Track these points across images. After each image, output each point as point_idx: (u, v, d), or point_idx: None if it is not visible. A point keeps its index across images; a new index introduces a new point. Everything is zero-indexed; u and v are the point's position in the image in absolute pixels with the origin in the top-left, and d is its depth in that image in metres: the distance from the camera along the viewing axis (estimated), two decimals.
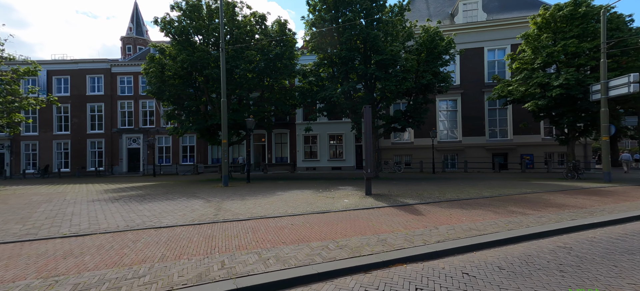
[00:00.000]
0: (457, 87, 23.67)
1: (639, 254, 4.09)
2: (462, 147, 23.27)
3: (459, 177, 17.63)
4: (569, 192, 9.94)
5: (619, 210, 6.89)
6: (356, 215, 6.53)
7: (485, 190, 10.68)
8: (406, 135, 24.91)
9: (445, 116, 24.38)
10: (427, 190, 10.87)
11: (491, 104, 23.08)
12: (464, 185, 12.33)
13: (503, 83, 18.04)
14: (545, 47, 15.37)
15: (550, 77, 14.93)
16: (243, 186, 13.01)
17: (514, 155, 22.38)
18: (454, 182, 14.16)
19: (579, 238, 4.94)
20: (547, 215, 6.32)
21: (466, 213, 6.70)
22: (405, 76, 15.88)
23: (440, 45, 16.39)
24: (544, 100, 15.03)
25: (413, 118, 17.47)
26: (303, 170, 25.25)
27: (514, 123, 22.35)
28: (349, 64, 16.48)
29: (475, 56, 23.48)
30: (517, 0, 24.95)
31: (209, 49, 17.61)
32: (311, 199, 8.78)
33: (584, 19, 14.75)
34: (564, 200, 8.28)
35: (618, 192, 10.00)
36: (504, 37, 22.82)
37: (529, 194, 9.52)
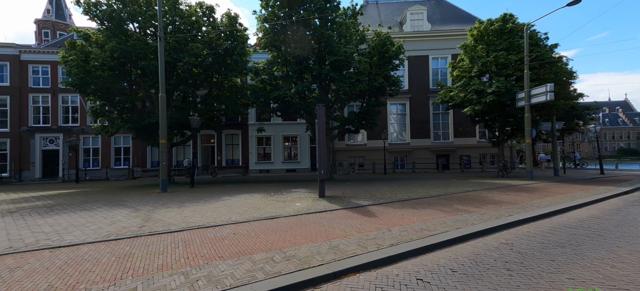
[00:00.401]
0: (406, 91, 24.95)
1: (568, 246, 4.36)
2: (411, 148, 24.56)
3: (408, 177, 18.44)
4: (502, 189, 10.87)
5: (545, 205, 7.60)
6: (308, 220, 6.09)
7: (432, 189, 11.15)
8: (360, 137, 25.42)
9: (395, 119, 25.50)
10: (380, 190, 10.97)
11: (435, 109, 24.79)
12: (413, 185, 12.79)
13: (445, 89, 19.42)
14: (480, 57, 16.91)
15: (484, 84, 16.44)
16: (185, 191, 11.69)
17: (455, 156, 24.34)
18: (404, 182, 14.66)
19: (517, 233, 5.19)
20: (488, 212, 6.65)
21: (417, 213, 6.73)
22: (358, 78, 16.08)
23: (390, 50, 16.97)
24: (480, 106, 16.49)
25: (366, 121, 17.78)
26: (256, 172, 24.13)
27: (455, 126, 24.32)
28: (304, 63, 16.12)
29: (421, 63, 25.03)
30: (456, 14, 27.37)
31: (147, 39, 15.68)
32: (260, 204, 8.11)
33: (511, 34, 16.58)
34: (500, 197, 8.95)
35: (540, 188, 11.26)
36: (446, 47, 24.75)
37: (470, 192, 10.15)
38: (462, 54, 18.46)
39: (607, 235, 4.92)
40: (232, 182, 17.14)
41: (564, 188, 11.14)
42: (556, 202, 7.84)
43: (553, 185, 12.02)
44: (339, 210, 7.13)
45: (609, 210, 7.09)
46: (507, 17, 16.84)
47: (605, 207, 7.59)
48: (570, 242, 4.57)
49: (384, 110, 24.35)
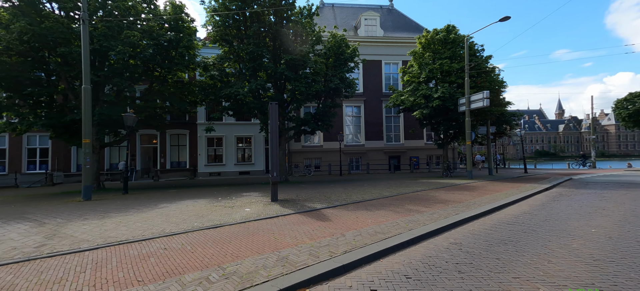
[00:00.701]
0: (361, 94, 25.58)
1: (509, 243, 4.55)
2: (365, 150, 25.20)
3: (362, 178, 18.79)
4: (447, 188, 11.53)
5: (485, 202, 8.13)
6: (257, 227, 5.55)
7: (385, 190, 11.35)
8: (316, 138, 25.33)
9: (350, 121, 25.95)
10: (335, 192, 10.81)
11: (388, 112, 25.84)
12: (367, 186, 12.94)
13: (397, 93, 20.27)
14: (427, 64, 17.99)
15: (431, 90, 17.51)
16: (115, 199, 10.13)
17: (405, 157, 25.64)
18: (358, 183, 14.81)
19: (464, 232, 5.33)
20: (437, 212, 6.83)
21: (371, 214, 6.62)
22: (315, 79, 15.87)
23: (346, 52, 17.12)
24: (428, 110, 17.52)
25: (322, 122, 17.66)
26: (205, 175, 22.44)
27: (405, 129, 25.63)
28: (258, 60, 15.36)
29: (374, 68, 25.91)
30: (406, 23, 28.99)
31: (71, 23, 13.42)
32: (204, 210, 7.28)
33: (454, 44, 17.97)
34: (446, 196, 9.41)
35: (479, 186, 12.22)
36: (397, 53, 26.00)
37: (420, 192, 10.54)
38: (411, 60, 19.46)
39: (539, 230, 5.30)
40: (177, 186, 15.57)
41: (498, 186, 12.25)
42: (494, 200, 8.46)
43: (489, 184, 13.17)
44: (292, 215, 6.70)
45: (536, 206, 7.83)
46: (450, 28, 18.21)
47: (533, 203, 8.40)
48: (511, 238, 4.79)
49: (339, 112, 24.59)
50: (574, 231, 5.12)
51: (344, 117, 25.34)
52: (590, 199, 8.64)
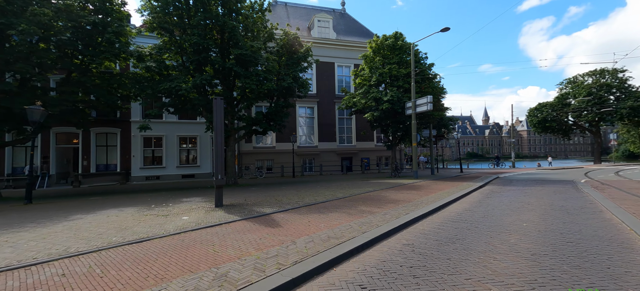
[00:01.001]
0: (314, 95, 25.50)
1: (457, 241, 4.64)
2: (318, 151, 25.16)
3: (316, 179, 18.60)
4: (397, 188, 11.91)
5: (430, 201, 8.48)
6: (194, 239, 4.81)
7: (338, 191, 11.25)
8: (269, 139, 24.47)
9: (304, 122, 25.69)
10: (287, 195, 10.33)
11: (340, 113, 26.22)
12: (320, 188, 12.72)
13: (349, 95, 20.63)
14: (378, 68, 18.65)
15: (381, 93, 18.17)
16: (11, 211, 8.14)
17: (357, 159, 26.29)
18: (311, 185, 14.54)
19: (415, 232, 5.34)
20: (389, 212, 6.84)
21: (324, 218, 6.33)
22: (267, 76, 15.18)
23: (299, 51, 16.78)
24: (378, 112, 18.13)
25: (274, 122, 17.01)
26: (141, 179, 19.97)
27: (357, 131, 26.30)
28: (203, 53, 14.10)
29: (328, 69, 26.09)
30: (357, 28, 29.89)
31: None
32: (129, 221, 6.18)
33: (401, 50, 18.94)
34: (396, 196, 9.64)
35: (424, 186, 12.90)
36: (349, 57, 26.58)
37: (372, 192, 10.66)
38: (363, 63, 19.98)
39: (480, 227, 5.57)
40: (102, 193, 13.40)
41: (441, 185, 13.10)
42: (438, 198, 8.89)
43: (433, 183, 14.03)
44: (238, 222, 6.05)
45: (474, 203, 8.42)
46: (397, 35, 19.15)
47: (471, 200, 9.05)
48: (457, 237, 4.91)
49: (293, 113, 24.12)
50: (509, 226, 5.49)
51: (297, 117, 24.96)
52: (516, 195, 9.63)
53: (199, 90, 14.74)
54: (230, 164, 15.85)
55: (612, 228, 5.18)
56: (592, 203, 7.73)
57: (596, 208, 7.03)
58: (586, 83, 36.18)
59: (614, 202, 7.73)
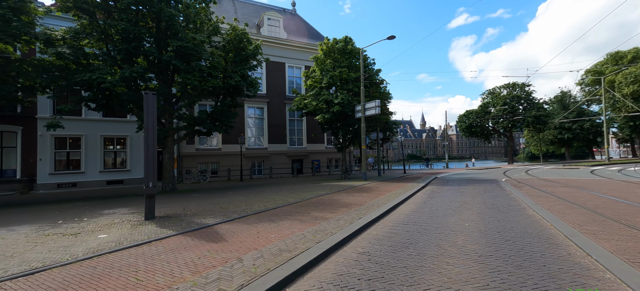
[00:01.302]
0: (264, 96, 24.61)
1: (410, 246, 4.64)
2: (268, 153, 24.32)
3: (265, 183, 17.83)
4: (348, 191, 11.98)
5: (381, 203, 8.63)
6: (112, 264, 3.91)
7: (289, 195, 10.82)
8: (214, 140, 22.80)
9: (253, 123, 24.58)
10: (234, 201, 9.53)
11: (291, 115, 25.79)
12: (270, 192, 12.12)
13: (300, 97, 20.36)
14: (328, 70, 18.76)
15: (332, 96, 18.31)
16: None
17: (308, 161, 26.14)
18: (261, 189, 13.81)
19: (370, 238, 5.23)
20: (342, 217, 6.68)
21: (275, 227, 5.85)
22: (211, 73, 14.01)
23: (248, 48, 15.91)
24: (329, 115, 18.21)
25: (221, 122, 15.80)
26: (51, 187, 16.68)
27: (308, 133, 26.17)
28: (134, 43, 12.33)
29: (278, 70, 25.46)
30: (308, 30, 29.88)
31: None
32: (21, 246, 4.85)
33: (351, 54, 19.39)
34: (348, 199, 9.62)
35: (373, 187, 13.26)
36: (300, 58, 26.35)
37: (324, 196, 10.49)
38: (314, 65, 19.92)
39: (429, 229, 5.74)
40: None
41: (388, 186, 13.63)
42: (388, 200, 9.12)
43: (381, 184, 14.54)
44: (173, 238, 5.21)
45: (420, 204, 8.82)
46: (348, 40, 19.56)
47: (417, 201, 9.49)
48: (410, 241, 4.93)
49: (241, 113, 22.92)
50: (454, 227, 5.76)
51: (245, 118, 23.79)
52: (454, 195, 10.44)
53: (128, 84, 12.88)
54: (167, 168, 14.18)
55: (536, 224, 5.80)
56: (515, 201, 8.72)
57: (519, 206, 7.93)
58: (502, 94, 42.13)
59: (532, 199, 8.85)
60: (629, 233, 4.83)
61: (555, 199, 8.61)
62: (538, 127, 40.14)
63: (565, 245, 4.44)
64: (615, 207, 7.22)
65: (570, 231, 5.04)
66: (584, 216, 6.20)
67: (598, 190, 10.32)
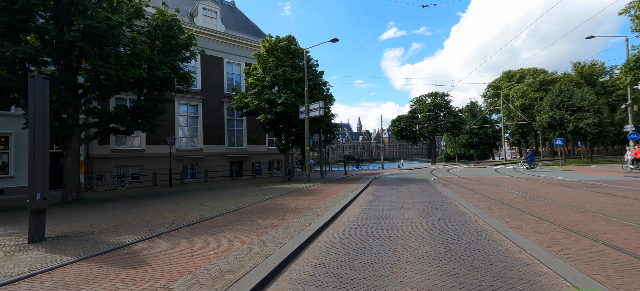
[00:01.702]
0: (199, 92, 22.42)
1: (366, 253, 4.43)
2: (203, 155, 22.20)
3: (200, 188, 16.07)
4: (293, 194, 11.50)
5: (328, 206, 8.41)
6: None
7: (229, 201, 9.80)
8: (137, 140, 19.76)
9: (186, 122, 22.14)
10: (161, 211, 8.13)
11: (230, 114, 24.09)
12: (207, 198, 10.84)
13: (240, 95, 19.08)
14: (271, 69, 18.02)
15: (275, 95, 17.62)
16: None
17: (248, 163, 24.75)
18: (195, 195, 12.30)
19: (322, 247, 4.87)
20: (291, 224, 6.19)
21: (214, 241, 5.03)
22: (132, 61, 11.96)
23: (179, 37, 14.14)
24: (272, 115, 17.45)
25: (144, 119, 13.64)
26: None
27: (248, 133, 24.79)
28: (20, 15, 9.65)
29: (215, 65, 23.52)
30: (248, 25, 28.47)
31: None
32: None
33: (294, 54, 19.01)
34: (294, 203, 9.15)
35: (318, 189, 13.07)
36: (240, 54, 24.84)
37: (268, 201, 9.80)
38: (256, 62, 18.90)
39: (380, 232, 5.68)
40: None
41: (333, 188, 13.63)
42: (334, 203, 8.96)
43: (325, 186, 14.48)
44: (70, 266, 3.97)
45: (366, 205, 8.90)
46: (291, 39, 19.14)
47: (363, 202, 9.59)
48: (364, 247, 4.73)
49: (171, 110, 20.45)
50: (402, 228, 5.83)
51: (177, 116, 21.30)
52: (395, 195, 10.92)
53: (11, 67, 10.07)
54: (70, 173, 11.56)
55: (471, 222, 6.28)
56: (448, 199, 9.50)
57: (452, 203, 8.62)
58: (427, 102, 47.24)
59: (460, 196, 9.78)
60: (544, 226, 5.54)
61: (479, 196, 9.68)
62: (454, 131, 46.18)
63: (500, 240, 4.81)
64: (525, 201, 8.42)
65: (501, 226, 5.54)
66: (506, 211, 6.99)
67: (506, 186, 12.07)
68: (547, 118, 30.15)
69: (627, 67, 14.97)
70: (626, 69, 15.03)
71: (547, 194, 9.52)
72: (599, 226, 5.35)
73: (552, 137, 30.65)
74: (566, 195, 9.30)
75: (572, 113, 28.91)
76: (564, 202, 8.02)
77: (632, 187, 10.55)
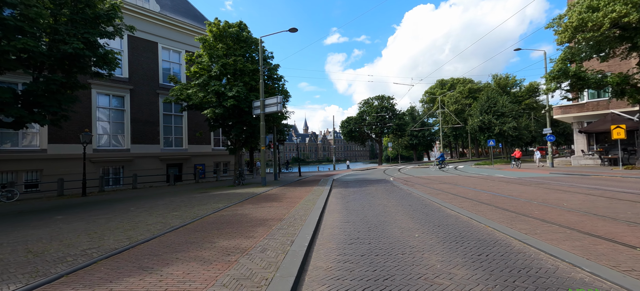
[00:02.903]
0: (126, 81, 18.61)
1: (390, 283, 3.22)
2: (131, 156, 18.44)
3: (127, 196, 12.89)
4: (253, 201, 9.74)
5: (301, 214, 7.02)
6: None
7: (170, 214, 7.61)
8: (36, 138, 15.29)
9: (107, 115, 18.10)
10: (64, 234, 5.66)
11: (167, 108, 20.66)
12: (137, 210, 8.35)
13: (181, 86, 16.25)
14: (220, 57, 15.72)
15: (226, 88, 15.38)
16: None
17: (189, 165, 21.56)
18: (120, 206, 9.52)
19: (322, 278, 3.51)
20: (268, 244, 4.63)
21: (154, 284, 3.22)
22: (23, 27, 8.77)
23: (98, 6, 11.09)
24: (221, 109, 15.17)
25: (44, 108, 10.26)
26: None
27: (190, 131, 21.61)
28: None
29: (148, 50, 19.91)
30: (188, 9, 25.08)
31: None
32: None
33: (246, 43, 16.99)
34: (259, 212, 7.48)
35: (280, 194, 11.49)
36: (179, 40, 21.56)
37: (224, 210, 7.91)
38: (201, 49, 16.33)
39: (385, 247, 4.57)
40: None
41: (295, 191, 12.19)
42: (306, 210, 7.60)
43: (285, 190, 12.95)
44: None
45: (343, 211, 7.75)
46: (242, 26, 17.05)
47: (336, 207, 8.41)
48: (381, 274, 3.53)
49: (85, 99, 16.49)
50: (408, 241, 4.81)
51: (94, 108, 17.27)
52: (367, 198, 10.03)
53: None
54: None
55: (475, 228, 5.62)
56: (424, 200, 8.96)
57: (434, 206, 8.02)
58: (375, 104, 49.01)
59: (435, 196, 9.39)
60: (561, 231, 5.12)
61: (452, 196, 9.41)
62: (399, 134, 48.85)
63: (534, 254, 4.10)
64: (503, 201, 8.31)
65: (518, 234, 4.89)
66: (499, 213, 6.55)
67: (468, 185, 12.32)
68: (478, 122, 33.62)
69: (550, 76, 17.06)
70: (550, 77, 17.12)
71: (514, 192, 9.72)
72: (610, 229, 5.14)
73: (481, 139, 34.35)
74: (532, 193, 9.62)
75: (497, 117, 32.75)
76: (540, 200, 8.12)
77: (573, 183, 11.66)
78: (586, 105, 21.63)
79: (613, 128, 16.19)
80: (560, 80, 16.88)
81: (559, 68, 16.53)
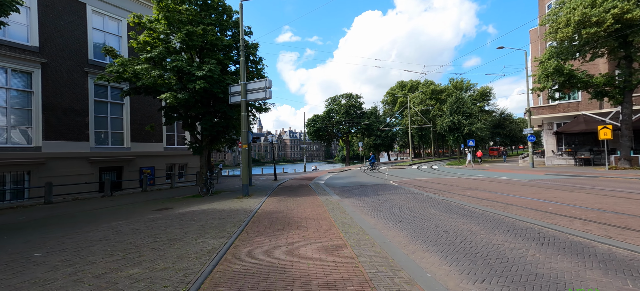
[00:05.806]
0: (35, 51, 13.17)
1: None
2: (43, 157, 13.06)
3: (33, 218, 8.14)
4: (258, 228, 6.36)
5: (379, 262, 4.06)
6: None
7: (125, 272, 3.91)
8: None
9: (4, 99, 12.49)
10: None
11: (101, 94, 15.47)
12: (49, 257, 4.37)
13: (122, 60, 11.71)
14: (185, 22, 11.68)
15: (193, 66, 11.40)
16: None
17: (132, 169, 16.53)
18: (10, 246, 5.25)
19: None
20: None
21: None
22: None
23: None
24: (185, 94, 11.17)
25: None
26: None
27: (134, 125, 16.59)
28: None
29: (71, 12, 14.56)
30: None
31: None
32: None
33: (217, 12, 13.18)
34: (302, 257, 4.28)
35: (287, 211, 8.23)
36: (119, 5, 16.42)
37: (232, 261, 4.46)
38: (155, 11, 12.02)
39: None
40: None
41: (302, 205, 9.03)
42: (362, 245, 4.66)
43: (280, 202, 9.67)
44: None
45: (437, 244, 5.00)
46: None
47: (401, 238, 5.63)
48: None
49: None
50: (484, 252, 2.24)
51: None
52: (401, 205, 7.43)
53: None
54: None
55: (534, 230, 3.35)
56: (454, 203, 6.69)
57: (461, 206, 5.78)
58: (342, 102, 47.30)
59: (470, 202, 7.20)
60: None
61: (479, 200, 7.35)
62: (367, 133, 47.94)
63: None
64: (536, 204, 6.43)
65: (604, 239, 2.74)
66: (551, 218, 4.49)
67: (477, 188, 10.60)
68: (448, 122, 33.93)
69: (545, 74, 16.76)
70: (544, 75, 16.83)
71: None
72: None
73: (450, 139, 34.79)
74: (544, 194, 8.08)
75: (466, 118, 33.40)
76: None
77: (595, 186, 10.70)
78: (558, 107, 22.42)
79: (600, 129, 16.38)
80: (554, 78, 16.58)
81: (556, 65, 16.19)
